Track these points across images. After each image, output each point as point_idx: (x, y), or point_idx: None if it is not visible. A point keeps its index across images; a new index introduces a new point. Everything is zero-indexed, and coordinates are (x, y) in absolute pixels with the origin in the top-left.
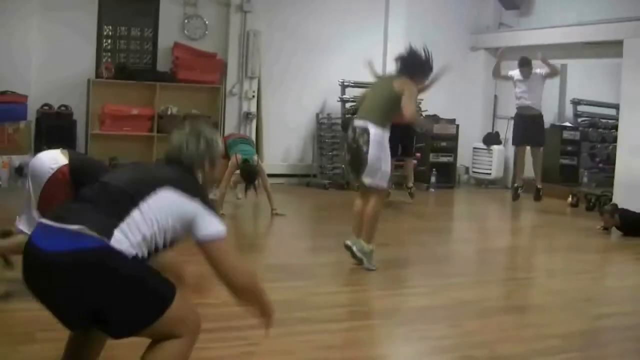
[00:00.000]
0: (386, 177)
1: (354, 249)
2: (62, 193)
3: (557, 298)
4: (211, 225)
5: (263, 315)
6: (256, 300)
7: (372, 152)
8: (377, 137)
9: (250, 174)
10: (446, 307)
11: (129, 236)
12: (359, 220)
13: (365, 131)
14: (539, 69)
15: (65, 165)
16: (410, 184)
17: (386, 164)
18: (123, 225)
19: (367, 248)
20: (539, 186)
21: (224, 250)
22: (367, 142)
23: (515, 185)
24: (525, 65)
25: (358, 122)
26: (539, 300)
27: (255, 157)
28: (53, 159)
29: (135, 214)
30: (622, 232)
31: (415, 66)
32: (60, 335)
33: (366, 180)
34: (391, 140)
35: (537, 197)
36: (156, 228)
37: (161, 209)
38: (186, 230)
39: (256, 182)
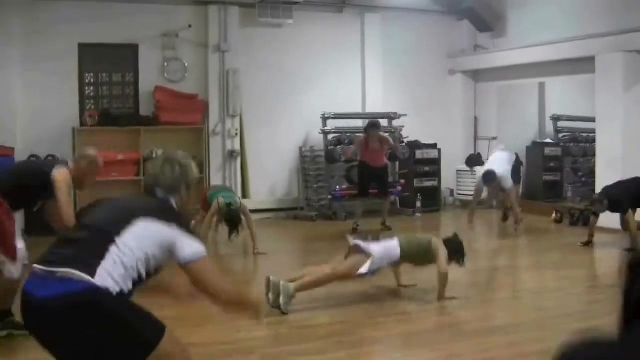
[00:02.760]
0: None
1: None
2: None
3: (538, 315)
4: (190, 247)
5: (253, 317)
6: (242, 309)
7: None
8: None
9: (233, 219)
10: (429, 331)
11: (111, 272)
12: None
13: None
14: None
15: None
16: (384, 221)
17: None
18: (105, 263)
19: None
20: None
21: (204, 270)
22: None
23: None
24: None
25: None
26: (520, 319)
27: (237, 200)
28: None
29: (114, 250)
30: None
31: None
32: None
33: None
34: (362, 180)
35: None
36: (136, 259)
37: (138, 241)
38: (167, 256)
39: (239, 227)
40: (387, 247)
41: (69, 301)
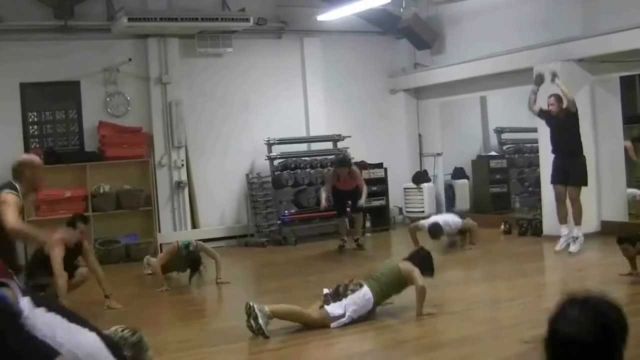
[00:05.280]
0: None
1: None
2: None
3: (491, 326)
4: None
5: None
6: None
7: None
8: None
9: (194, 261)
10: (381, 349)
11: None
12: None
13: None
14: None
15: None
16: (357, 237)
17: None
18: None
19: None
20: None
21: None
22: None
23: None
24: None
25: None
26: (473, 331)
27: (194, 242)
28: None
29: None
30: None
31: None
32: None
33: None
34: (337, 202)
35: None
36: None
37: None
38: None
39: (200, 268)
40: (359, 299)
41: None
